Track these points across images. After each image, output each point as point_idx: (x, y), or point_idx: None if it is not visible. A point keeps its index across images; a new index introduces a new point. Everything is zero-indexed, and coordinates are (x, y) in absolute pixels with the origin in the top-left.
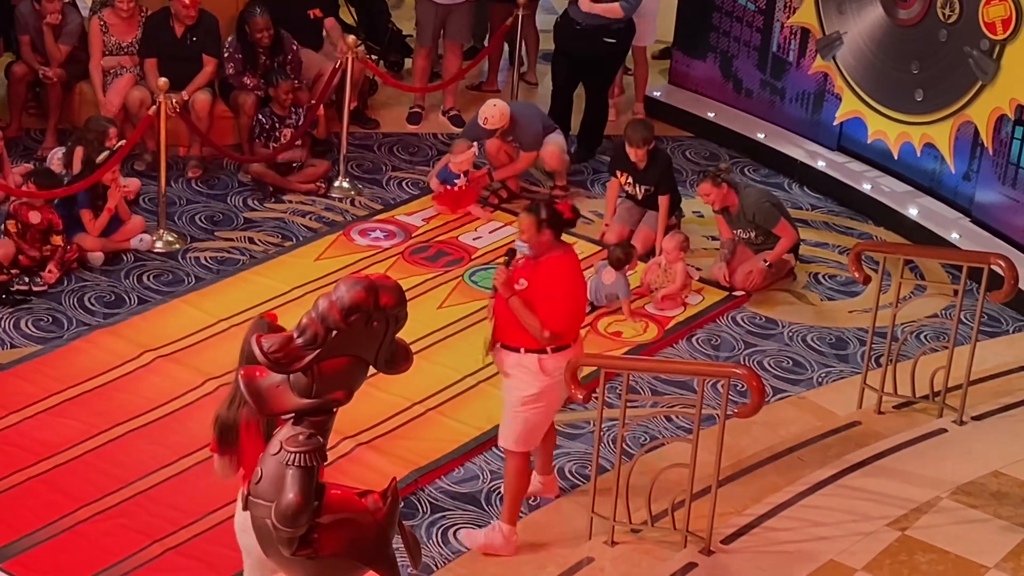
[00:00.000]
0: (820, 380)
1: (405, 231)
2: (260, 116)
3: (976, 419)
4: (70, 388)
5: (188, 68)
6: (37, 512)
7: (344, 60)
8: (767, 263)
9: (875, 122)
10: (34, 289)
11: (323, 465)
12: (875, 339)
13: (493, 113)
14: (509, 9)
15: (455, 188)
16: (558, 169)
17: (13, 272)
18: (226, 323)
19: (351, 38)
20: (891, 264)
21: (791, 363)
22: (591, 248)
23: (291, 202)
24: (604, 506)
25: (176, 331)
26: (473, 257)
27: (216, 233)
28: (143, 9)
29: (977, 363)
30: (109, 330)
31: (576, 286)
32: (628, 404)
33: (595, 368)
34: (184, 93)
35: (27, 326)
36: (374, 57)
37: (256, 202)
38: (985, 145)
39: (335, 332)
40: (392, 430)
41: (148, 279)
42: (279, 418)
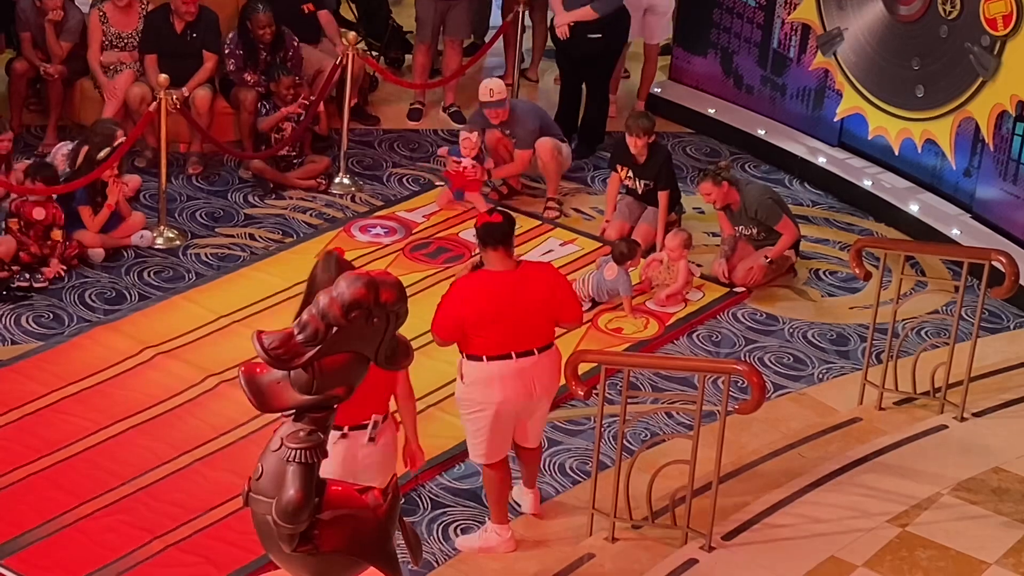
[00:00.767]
0: (821, 376)
1: (406, 227)
2: (261, 112)
3: (977, 415)
4: (71, 384)
5: (188, 64)
6: (38, 508)
7: (344, 56)
8: (768, 259)
9: (876, 118)
10: (35, 285)
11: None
12: (876, 335)
13: (496, 85)
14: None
15: (464, 169)
16: (552, 167)
17: (14, 269)
18: (227, 319)
19: (351, 34)
20: (892, 260)
21: (792, 359)
22: (591, 244)
23: (292, 198)
24: (605, 502)
25: (177, 327)
26: (474, 253)
27: (217, 229)
28: (143, 0)
29: (978, 359)
30: (110, 326)
31: (477, 300)
32: (629, 400)
33: (596, 364)
34: (184, 89)
35: (28, 322)
36: (374, 53)
37: (257, 198)
38: (986, 141)
39: (336, 328)
40: None
41: (149, 275)
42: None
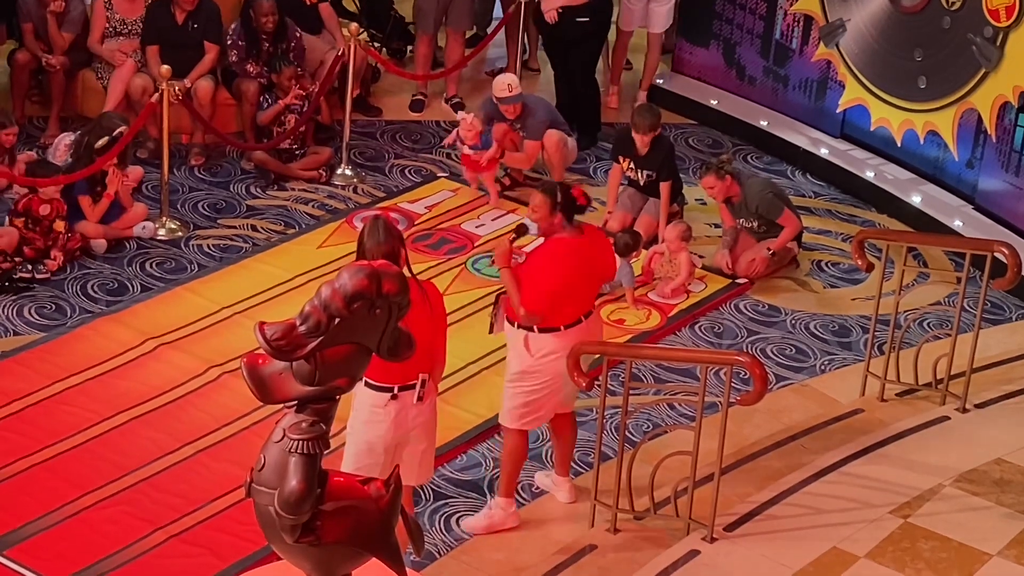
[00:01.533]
0: (823, 368)
1: (408, 219)
2: (263, 103)
3: (979, 407)
4: (73, 376)
5: (190, 55)
6: (40, 499)
7: (346, 47)
8: (770, 251)
9: (878, 109)
10: (37, 277)
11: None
12: (878, 327)
13: (512, 81)
14: None
15: (473, 155)
16: (556, 158)
17: (16, 260)
18: (229, 311)
19: (353, 25)
20: (894, 252)
21: (794, 351)
22: None
23: (294, 190)
24: (607, 493)
25: (179, 319)
26: (476, 245)
27: (219, 221)
28: None
29: (980, 351)
30: (112, 318)
31: (567, 270)
32: (631, 391)
33: (598, 355)
34: (186, 80)
35: (30, 313)
36: (376, 44)
37: (259, 190)
38: (988, 132)
39: (338, 320)
40: None
41: (151, 267)
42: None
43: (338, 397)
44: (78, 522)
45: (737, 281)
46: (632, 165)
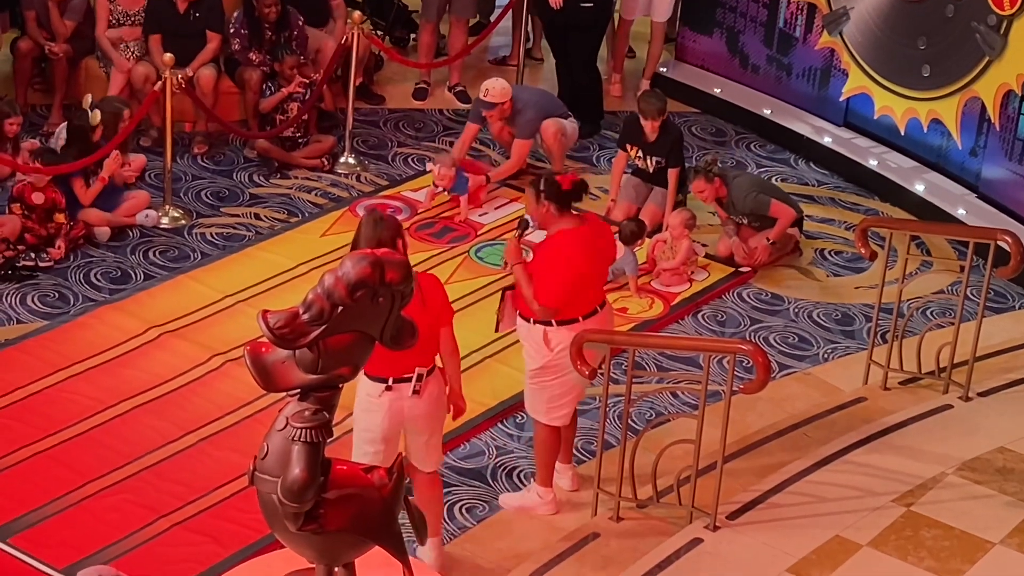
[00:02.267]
0: (826, 356)
1: (411, 207)
2: (265, 91)
3: (982, 395)
4: (76, 364)
5: (192, 44)
6: (43, 487)
7: (349, 36)
8: (769, 240)
9: (882, 98)
10: (40, 265)
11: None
12: (881, 315)
13: (494, 86)
14: None
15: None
16: (555, 148)
17: (19, 248)
18: (232, 299)
19: (356, 14)
20: (897, 240)
21: (797, 339)
22: None
23: (297, 178)
24: (610, 482)
25: (182, 307)
26: (479, 233)
27: (222, 209)
28: None
29: (983, 339)
30: (115, 306)
31: (577, 261)
32: (634, 380)
33: (601, 344)
34: (189, 69)
35: (33, 302)
36: (379, 33)
37: (262, 178)
38: (992, 121)
39: (341, 308)
40: None
41: (154, 255)
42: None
43: (341, 385)
44: (81, 510)
45: (740, 269)
46: (640, 152)
